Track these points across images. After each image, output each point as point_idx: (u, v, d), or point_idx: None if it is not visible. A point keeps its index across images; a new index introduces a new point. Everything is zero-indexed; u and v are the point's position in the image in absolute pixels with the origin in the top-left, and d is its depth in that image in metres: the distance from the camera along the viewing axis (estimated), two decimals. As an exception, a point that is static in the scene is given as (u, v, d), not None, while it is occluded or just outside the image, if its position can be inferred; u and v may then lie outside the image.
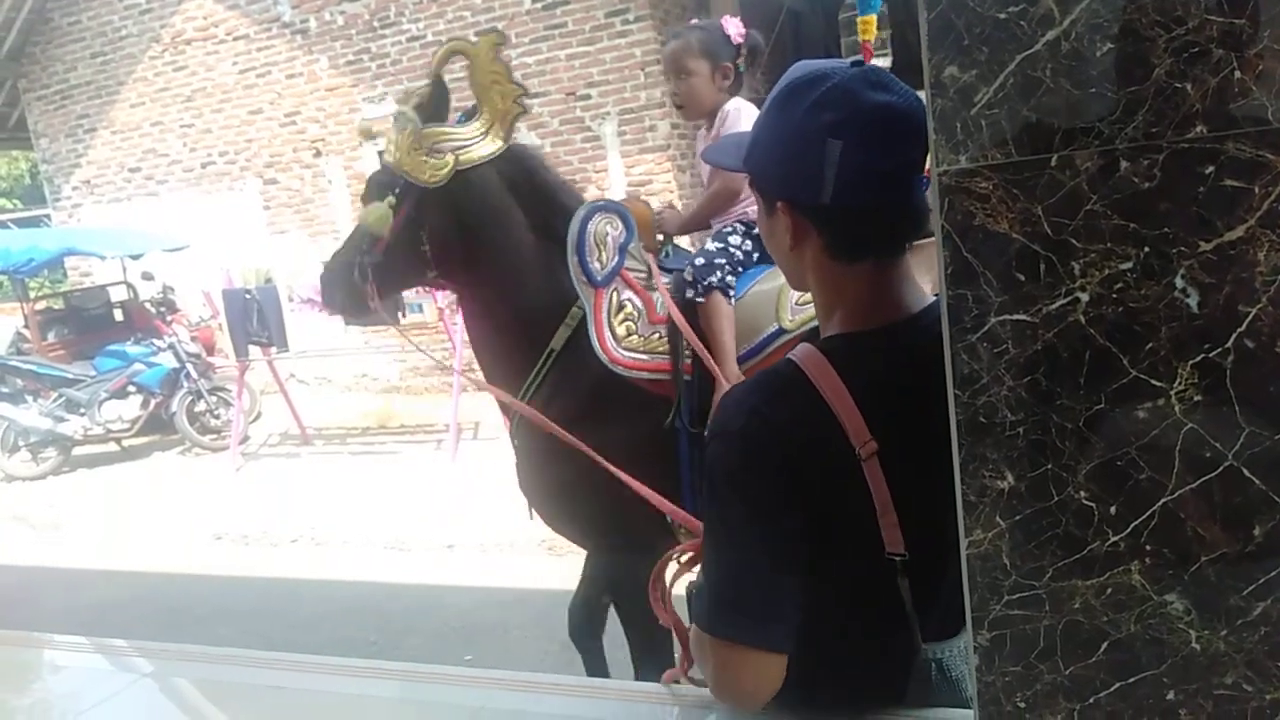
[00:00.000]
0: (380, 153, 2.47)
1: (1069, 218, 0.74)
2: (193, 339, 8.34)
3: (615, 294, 2.26)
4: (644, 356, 2.25)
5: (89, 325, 9.22)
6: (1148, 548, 0.76)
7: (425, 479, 6.32)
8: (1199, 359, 0.73)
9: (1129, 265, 0.73)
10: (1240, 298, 0.71)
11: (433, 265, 2.38)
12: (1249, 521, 0.74)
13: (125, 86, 9.70)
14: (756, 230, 2.29)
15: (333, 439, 7.81)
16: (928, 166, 0.87)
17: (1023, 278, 0.76)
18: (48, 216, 11.45)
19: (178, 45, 9.33)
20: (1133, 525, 0.76)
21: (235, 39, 9.04)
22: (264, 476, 7.10)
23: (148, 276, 8.65)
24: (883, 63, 2.52)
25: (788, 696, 1.00)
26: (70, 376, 7.94)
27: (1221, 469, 0.74)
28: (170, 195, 9.79)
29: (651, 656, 2.42)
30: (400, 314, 2.55)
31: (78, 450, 7.98)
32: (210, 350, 8.77)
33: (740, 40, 2.41)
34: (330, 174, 8.82)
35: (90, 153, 10.08)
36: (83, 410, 7.75)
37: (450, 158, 2.26)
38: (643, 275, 2.34)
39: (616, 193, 7.59)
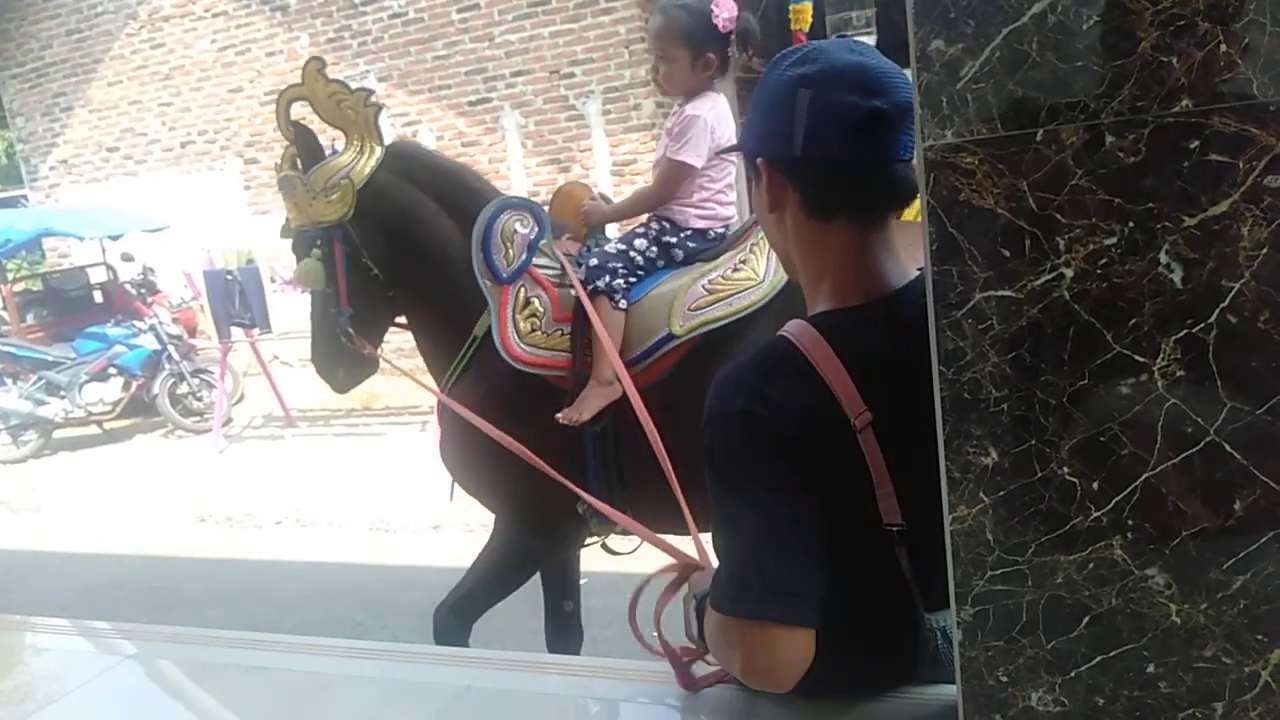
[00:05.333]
0: (289, 222, 2.51)
1: (1054, 193, 0.74)
2: (174, 321, 8.26)
3: (522, 290, 2.30)
4: (545, 353, 2.28)
5: (68, 307, 9.11)
6: (1129, 523, 0.77)
7: (410, 460, 6.30)
8: (1182, 334, 0.73)
9: (1113, 241, 0.73)
10: (1224, 273, 0.71)
11: (388, 283, 2.46)
12: (1229, 496, 0.74)
13: (102, 64, 9.55)
14: (667, 238, 2.34)
15: (316, 420, 7.77)
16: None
17: (1008, 253, 0.76)
18: (25, 197, 11.30)
19: (155, 22, 9.19)
20: (1115, 501, 0.77)
21: (214, 15, 8.90)
22: (247, 459, 7.06)
23: (127, 258, 8.54)
24: (867, 40, 2.49)
25: (803, 679, 1.00)
26: (50, 359, 7.85)
27: (1203, 444, 0.74)
28: (149, 175, 9.67)
29: (463, 605, 2.46)
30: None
31: (58, 433, 7.91)
32: (192, 332, 8.69)
33: (729, 28, 2.27)
34: (312, 153, 8.72)
35: (67, 132, 9.93)
36: (63, 393, 7.68)
37: (345, 183, 2.37)
38: (554, 273, 2.36)
39: (601, 172, 7.56)
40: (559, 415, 2.22)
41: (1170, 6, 0.69)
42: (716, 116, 2.33)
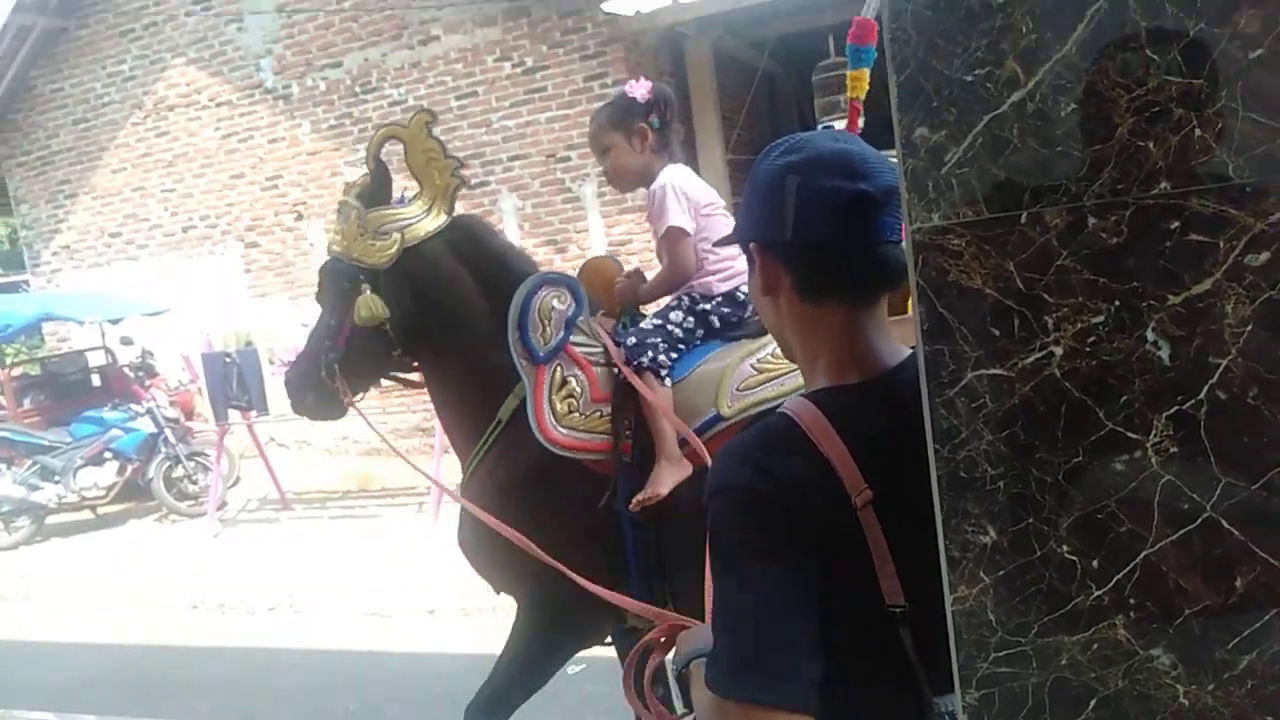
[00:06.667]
0: (329, 245, 2.51)
1: (1040, 273, 0.75)
2: (171, 403, 8.25)
3: (559, 369, 2.23)
4: (584, 435, 2.20)
5: (66, 391, 9.11)
6: (1131, 601, 0.76)
7: (407, 542, 6.23)
8: (1173, 411, 0.73)
9: (1100, 319, 0.74)
10: (1210, 350, 0.72)
11: (396, 343, 2.42)
12: (1230, 573, 0.74)
13: (107, 152, 9.74)
14: (701, 306, 2.31)
15: (312, 503, 7.70)
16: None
17: (997, 332, 0.77)
18: (26, 282, 11.39)
19: (160, 111, 9.41)
20: (1115, 579, 0.76)
21: (218, 105, 9.12)
22: (242, 543, 6.98)
23: (126, 341, 8.58)
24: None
25: None
26: (45, 443, 7.82)
27: (1200, 521, 0.74)
28: (150, 259, 9.78)
29: (495, 702, 2.41)
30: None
31: (51, 519, 7.83)
32: (189, 415, 8.68)
33: (647, 98, 2.36)
34: (312, 237, 8.84)
35: (71, 218, 10.08)
36: (57, 478, 7.62)
37: (397, 236, 2.34)
38: (592, 350, 2.30)
39: (597, 252, 7.65)
40: (633, 501, 2.12)
41: (1145, 94, 0.72)
42: (682, 180, 2.35)
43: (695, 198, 2.35)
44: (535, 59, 7.67)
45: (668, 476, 2.13)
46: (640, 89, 2.37)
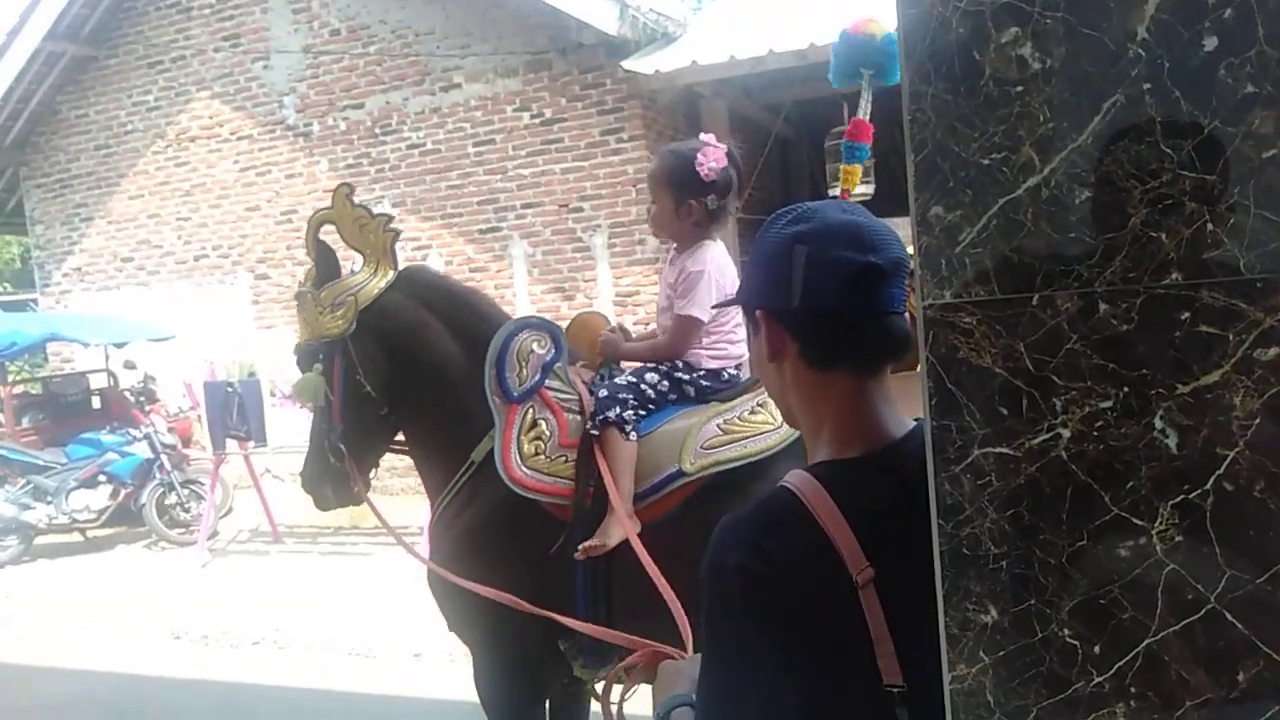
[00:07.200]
0: (300, 340, 2.57)
1: (1050, 355, 0.76)
2: (170, 430, 8.22)
3: (530, 411, 2.25)
4: (546, 478, 2.21)
5: (65, 411, 9.11)
6: (1132, 690, 0.75)
7: (396, 582, 6.17)
8: (1179, 499, 0.73)
9: (1109, 404, 0.75)
10: (1218, 441, 0.72)
11: (382, 401, 2.44)
12: (1233, 666, 0.73)
13: (126, 179, 9.85)
14: (678, 375, 2.34)
15: (304, 537, 7.64)
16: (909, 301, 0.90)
17: (1005, 411, 0.77)
18: (34, 301, 11.44)
19: (181, 142, 9.53)
20: (1117, 666, 0.75)
21: (239, 138, 9.24)
22: (230, 574, 6.91)
23: (130, 365, 8.60)
24: (865, 189, 2.55)
25: None
26: (40, 463, 7.79)
27: (1204, 611, 0.73)
28: (161, 285, 9.84)
29: None
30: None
31: (40, 539, 7.77)
32: (187, 442, 8.65)
33: (711, 178, 2.28)
34: (322, 272, 8.89)
35: (84, 241, 10.16)
36: (49, 498, 7.58)
37: (350, 301, 2.40)
38: (565, 397, 2.32)
39: (605, 302, 7.69)
40: (579, 549, 2.14)
41: (1159, 186, 0.73)
42: (719, 268, 2.34)
43: (726, 287, 2.34)
44: (554, 111, 7.79)
45: (616, 530, 2.14)
46: (711, 161, 2.27)
